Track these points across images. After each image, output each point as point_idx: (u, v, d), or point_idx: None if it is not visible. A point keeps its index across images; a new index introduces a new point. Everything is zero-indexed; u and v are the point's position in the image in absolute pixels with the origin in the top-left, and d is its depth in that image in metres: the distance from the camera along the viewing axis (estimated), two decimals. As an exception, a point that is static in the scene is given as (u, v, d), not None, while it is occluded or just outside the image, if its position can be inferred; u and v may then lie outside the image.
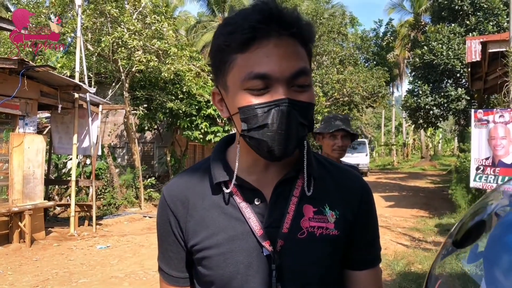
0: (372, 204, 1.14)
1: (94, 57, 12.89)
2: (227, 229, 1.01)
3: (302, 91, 0.94)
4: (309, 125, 0.97)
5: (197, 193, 1.07)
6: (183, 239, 1.07)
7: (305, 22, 0.96)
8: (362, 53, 31.25)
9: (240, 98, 0.94)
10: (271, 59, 0.91)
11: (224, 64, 0.96)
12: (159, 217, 1.12)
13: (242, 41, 0.92)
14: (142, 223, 10.87)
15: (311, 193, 1.03)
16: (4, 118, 8.06)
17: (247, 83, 0.92)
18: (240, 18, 0.93)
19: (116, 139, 17.32)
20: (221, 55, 0.96)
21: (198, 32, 30.27)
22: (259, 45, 0.91)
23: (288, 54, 0.92)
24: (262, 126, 0.92)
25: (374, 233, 1.15)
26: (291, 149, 0.95)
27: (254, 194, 1.03)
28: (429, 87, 16.88)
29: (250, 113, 0.93)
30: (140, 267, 6.68)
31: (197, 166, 1.14)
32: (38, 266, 6.74)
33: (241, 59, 0.93)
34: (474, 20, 16.58)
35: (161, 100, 13.56)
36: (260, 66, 0.91)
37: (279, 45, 0.92)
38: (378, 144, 48.95)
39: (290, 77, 0.92)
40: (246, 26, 0.91)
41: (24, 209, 7.88)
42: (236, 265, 0.99)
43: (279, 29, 0.92)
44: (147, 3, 13.07)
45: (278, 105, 0.91)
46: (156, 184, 15.00)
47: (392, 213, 11.62)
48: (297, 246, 1.00)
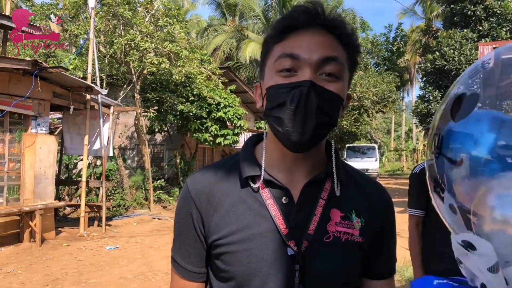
0: (394, 216, 1.15)
1: (106, 59, 12.96)
2: (252, 226, 1.00)
3: (331, 81, 0.95)
4: (332, 118, 0.97)
5: (223, 188, 1.06)
6: (204, 234, 1.05)
7: (349, 28, 1.00)
8: (373, 57, 31.19)
9: (270, 80, 0.98)
10: (303, 43, 0.95)
11: (265, 54, 1.02)
12: (180, 209, 1.10)
13: (280, 29, 0.97)
14: (151, 225, 10.90)
15: (338, 198, 1.03)
16: (17, 118, 8.15)
17: (277, 65, 0.96)
18: (291, 10, 0.99)
19: (126, 141, 17.40)
20: (265, 47, 1.02)
21: (209, 35, 30.37)
22: (296, 35, 0.96)
23: (323, 43, 0.95)
24: (282, 104, 0.94)
25: (394, 245, 1.16)
26: (308, 134, 0.94)
27: (282, 192, 1.03)
28: (440, 93, 16.75)
29: (275, 92, 0.96)
30: (149, 269, 6.70)
31: (224, 162, 1.14)
32: (48, 266, 6.79)
33: (278, 47, 0.98)
34: (487, 26, 16.44)
35: (171, 102, 13.60)
36: (291, 48, 0.95)
37: (315, 36, 0.96)
38: (387, 149, 48.72)
39: (318, 61, 0.94)
40: (287, 16, 0.98)
41: (35, 208, 7.95)
42: (259, 262, 0.98)
43: (322, 24, 0.97)
44: (159, 6, 13.16)
45: (300, 85, 0.93)
46: (166, 186, 15.03)
47: (401, 219, 11.45)
48: (322, 249, 0.99)
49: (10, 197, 7.98)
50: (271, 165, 1.04)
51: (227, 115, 14.13)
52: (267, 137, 1.07)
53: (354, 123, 30.11)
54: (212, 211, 1.04)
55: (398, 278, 6.09)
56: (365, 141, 42.14)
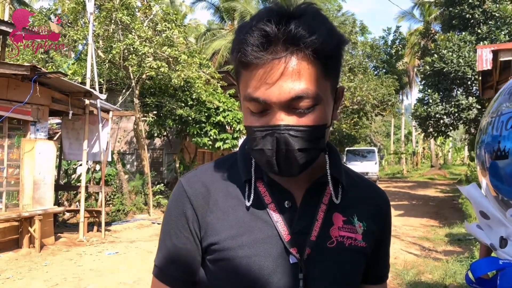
0: (391, 220, 1.13)
1: (105, 64, 12.98)
2: (253, 231, 0.95)
3: (306, 114, 0.88)
4: (317, 145, 0.92)
5: (220, 188, 1.00)
6: (199, 237, 0.98)
7: (318, 32, 0.85)
8: (372, 61, 31.23)
9: (244, 115, 0.94)
10: (266, 83, 0.86)
11: (236, 73, 0.95)
12: (172, 210, 1.02)
13: (241, 63, 0.89)
14: (150, 230, 10.88)
15: (340, 202, 1.00)
16: (16, 123, 8.15)
17: (247, 104, 0.91)
18: (243, 37, 0.87)
19: (125, 146, 17.40)
20: (234, 65, 0.95)
21: (208, 39, 30.42)
22: (256, 67, 0.86)
23: (286, 77, 0.85)
24: (261, 150, 0.90)
25: (389, 249, 1.15)
26: (296, 172, 0.91)
27: (285, 196, 0.98)
28: (439, 96, 16.76)
29: (251, 135, 0.92)
30: (148, 274, 6.67)
31: (221, 161, 1.08)
32: (47, 272, 6.76)
33: (244, 75, 0.91)
34: (485, 29, 16.46)
35: (170, 106, 13.60)
36: (256, 90, 0.87)
37: (276, 66, 0.85)
38: (387, 152, 48.74)
39: (287, 102, 0.86)
40: (245, 48, 0.86)
41: (34, 214, 7.93)
42: (259, 270, 0.93)
43: (279, 48, 0.85)
44: (158, 11, 13.18)
45: (273, 132, 0.87)
46: (165, 191, 15.01)
47: (401, 222, 11.53)
48: (326, 255, 0.96)
49: (9, 203, 7.97)
50: None
51: (226, 119, 14.12)
52: None
53: (353, 127, 30.14)
54: (209, 212, 0.98)
55: (399, 282, 6.07)
56: (365, 144, 42.16)
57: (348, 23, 27.46)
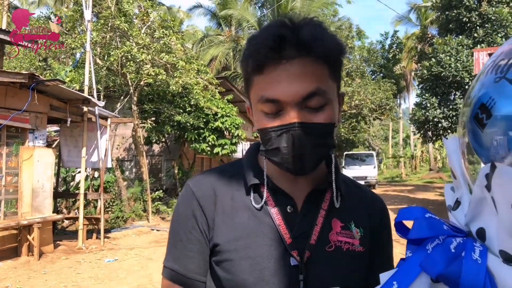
0: (390, 225, 1.15)
1: (103, 71, 12.99)
2: (256, 233, 1.00)
3: (317, 112, 0.95)
4: (328, 142, 0.98)
5: (226, 192, 1.05)
6: (208, 237, 1.02)
7: (324, 39, 0.94)
8: (369, 65, 31.32)
9: (258, 120, 0.99)
10: (281, 83, 0.92)
11: (247, 81, 1.01)
12: (181, 211, 1.06)
13: (254, 67, 0.95)
14: (150, 236, 10.85)
15: (338, 208, 1.04)
16: (14, 131, 8.13)
17: (261, 106, 0.96)
18: (257, 42, 0.95)
19: (124, 152, 17.38)
20: (244, 73, 1.00)
21: (205, 46, 30.49)
22: (271, 69, 0.93)
23: (299, 77, 0.92)
24: (276, 149, 0.95)
25: (391, 253, 1.16)
26: (309, 168, 0.97)
27: (287, 201, 1.03)
28: (437, 100, 16.80)
29: (265, 136, 0.97)
30: (148, 281, 6.66)
31: (225, 167, 1.14)
32: (46, 280, 6.73)
33: (256, 81, 0.97)
34: (482, 32, 16.53)
35: (169, 113, 13.61)
36: (270, 90, 0.93)
37: (290, 68, 0.92)
38: (386, 156, 48.76)
39: (301, 100, 0.92)
40: (260, 52, 0.93)
41: (33, 222, 7.90)
42: (262, 271, 0.97)
43: (292, 51, 0.92)
44: (155, 17, 13.21)
45: (288, 129, 0.93)
46: (164, 197, 14.99)
47: (401, 226, 11.50)
48: (324, 258, 1.00)
49: (7, 211, 7.93)
50: (275, 175, 1.05)
51: (225, 124, 14.13)
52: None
53: (352, 131, 30.19)
54: (215, 213, 1.03)
55: (399, 286, 6.06)
56: (363, 148, 42.23)
57: (344, 28, 27.56)
